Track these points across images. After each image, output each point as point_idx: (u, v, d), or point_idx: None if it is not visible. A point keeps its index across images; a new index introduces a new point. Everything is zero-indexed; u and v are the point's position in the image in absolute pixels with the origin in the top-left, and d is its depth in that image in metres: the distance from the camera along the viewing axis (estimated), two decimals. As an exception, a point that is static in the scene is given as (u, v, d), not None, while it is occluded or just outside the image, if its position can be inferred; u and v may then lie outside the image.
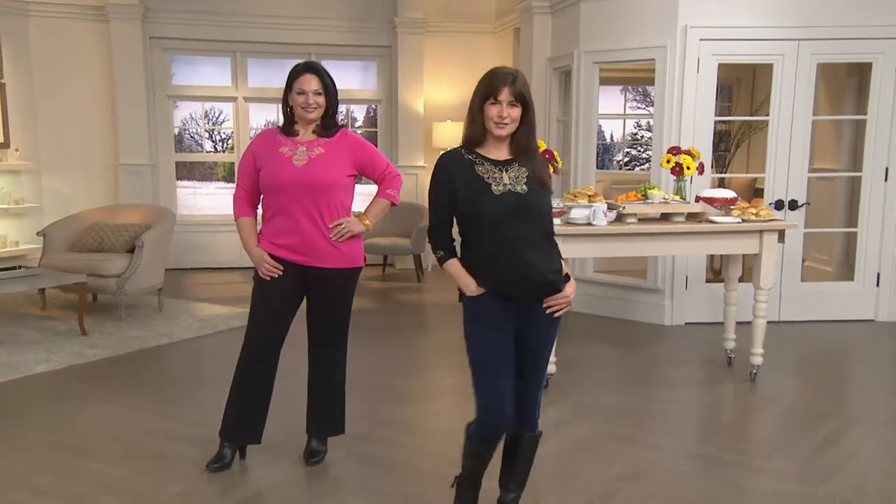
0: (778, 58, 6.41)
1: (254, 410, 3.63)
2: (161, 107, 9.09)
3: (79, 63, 8.78)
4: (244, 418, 3.63)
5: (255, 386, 3.60)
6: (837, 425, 4.29)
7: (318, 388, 3.73)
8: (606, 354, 5.70)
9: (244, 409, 3.62)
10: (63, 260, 6.57)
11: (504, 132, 2.77)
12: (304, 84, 3.46)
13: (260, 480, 3.56)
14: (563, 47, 7.24)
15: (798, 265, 6.71)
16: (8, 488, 3.44)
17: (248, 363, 3.59)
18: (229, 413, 3.64)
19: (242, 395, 3.60)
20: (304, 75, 3.48)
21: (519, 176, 2.81)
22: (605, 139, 12.57)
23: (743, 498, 3.43)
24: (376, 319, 6.91)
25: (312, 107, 3.47)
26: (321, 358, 3.71)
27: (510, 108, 2.73)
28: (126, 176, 8.79)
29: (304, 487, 3.50)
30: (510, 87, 2.72)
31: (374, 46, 9.30)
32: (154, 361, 5.47)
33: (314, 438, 3.76)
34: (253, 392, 3.61)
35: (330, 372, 3.72)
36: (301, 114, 3.48)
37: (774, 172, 6.53)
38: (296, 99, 3.47)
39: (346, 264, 3.58)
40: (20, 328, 6.16)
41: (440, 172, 2.84)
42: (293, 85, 3.48)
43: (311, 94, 3.46)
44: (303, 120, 3.50)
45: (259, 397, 3.63)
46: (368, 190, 3.78)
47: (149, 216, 6.97)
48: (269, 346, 3.59)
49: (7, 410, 4.49)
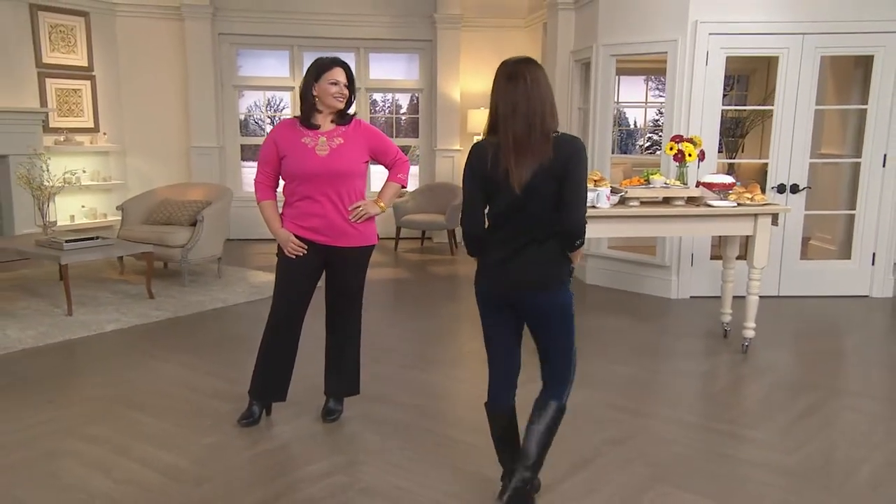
0: (783, 51, 6.10)
1: (278, 374, 3.63)
2: (228, 96, 9.13)
3: (158, 57, 8.87)
4: (270, 381, 3.63)
5: (279, 353, 3.59)
6: (819, 396, 4.10)
7: (335, 352, 3.70)
8: (614, 326, 5.55)
9: (269, 373, 3.61)
10: (137, 231, 6.67)
11: None
12: (337, 75, 3.39)
13: (283, 435, 3.55)
14: (584, 41, 7.02)
15: (798, 244, 6.44)
16: (64, 435, 3.50)
17: (273, 333, 3.57)
18: (257, 376, 3.64)
19: (268, 361, 3.60)
20: (336, 68, 3.40)
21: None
22: (629, 125, 12.20)
23: (716, 463, 3.28)
24: (412, 290, 6.87)
25: (341, 97, 3.40)
26: (337, 326, 3.67)
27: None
28: (197, 157, 8.89)
29: (319, 442, 3.48)
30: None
31: (416, 40, 9.17)
32: (209, 323, 5.52)
33: (331, 398, 3.75)
34: (277, 358, 3.60)
35: (345, 338, 3.68)
36: (332, 102, 3.39)
37: (778, 158, 6.25)
38: (328, 89, 3.37)
39: (363, 242, 3.55)
40: (99, 291, 6.29)
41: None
42: (323, 76, 3.38)
43: (343, 85, 3.39)
44: (328, 109, 3.43)
45: (283, 363, 3.62)
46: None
47: (210, 193, 7.02)
48: (292, 318, 3.56)
49: (76, 365, 4.59)
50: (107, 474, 3.11)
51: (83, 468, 3.17)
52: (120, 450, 3.35)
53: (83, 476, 3.10)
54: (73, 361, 4.64)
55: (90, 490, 2.98)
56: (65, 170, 6.88)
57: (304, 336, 3.66)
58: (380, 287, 6.87)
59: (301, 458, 3.33)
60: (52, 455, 3.29)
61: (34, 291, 6.23)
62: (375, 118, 10.56)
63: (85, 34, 8.43)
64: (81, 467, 3.18)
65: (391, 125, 10.28)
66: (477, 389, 4.10)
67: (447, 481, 3.09)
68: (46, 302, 5.87)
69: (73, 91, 8.43)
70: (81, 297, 5.97)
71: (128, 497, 2.92)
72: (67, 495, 2.94)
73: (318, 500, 2.93)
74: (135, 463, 3.22)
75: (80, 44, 8.41)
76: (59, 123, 8.27)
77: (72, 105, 8.43)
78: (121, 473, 3.12)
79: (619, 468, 3.23)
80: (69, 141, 8.28)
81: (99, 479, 3.07)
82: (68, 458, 3.25)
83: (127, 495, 2.94)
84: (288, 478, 3.11)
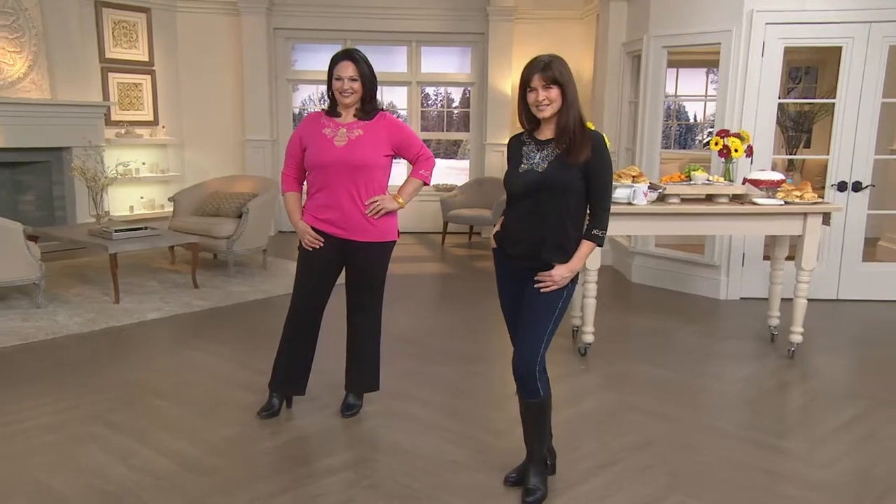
0: (847, 40, 5.79)
1: (297, 367, 3.64)
2: (282, 89, 9.28)
3: (215, 52, 9.08)
4: (289, 373, 3.65)
5: (298, 346, 3.60)
6: (864, 407, 3.87)
7: (355, 349, 3.69)
8: (657, 326, 5.39)
9: (289, 366, 3.63)
10: (186, 222, 6.84)
11: (546, 113, 2.69)
12: (340, 71, 3.37)
13: (301, 428, 3.57)
14: (635, 32, 6.84)
15: (860, 245, 6.11)
16: (89, 420, 3.60)
17: (292, 325, 3.58)
18: (277, 368, 3.66)
19: (287, 354, 3.62)
20: (342, 62, 3.38)
21: (548, 155, 2.72)
22: (689, 119, 11.83)
23: (740, 474, 3.13)
24: (453, 285, 6.84)
25: (348, 92, 3.37)
26: (357, 322, 3.65)
27: (545, 90, 2.66)
28: (251, 150, 9.06)
29: (335, 437, 3.48)
30: (541, 73, 2.66)
31: (469, 33, 9.11)
32: (248, 314, 5.61)
33: (351, 393, 3.74)
34: (296, 351, 3.61)
35: (365, 335, 3.66)
36: (338, 98, 3.39)
37: (839, 154, 5.94)
38: (334, 84, 3.38)
39: (381, 238, 3.50)
40: (147, 279, 6.48)
41: (507, 150, 2.93)
42: (333, 71, 3.39)
43: (347, 80, 3.36)
44: (341, 104, 3.42)
45: (302, 356, 3.63)
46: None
47: (258, 186, 7.14)
48: (311, 311, 3.56)
49: (114, 352, 4.72)
50: (123, 461, 3.18)
51: (103, 454, 3.25)
52: (140, 437, 3.42)
53: (102, 462, 3.18)
54: (111, 348, 4.78)
55: (105, 476, 3.05)
56: (117, 161, 7.09)
57: (327, 331, 3.67)
58: (423, 281, 6.86)
59: (314, 453, 3.33)
60: (76, 439, 3.39)
61: (88, 279, 6.46)
62: (427, 112, 10.55)
63: (146, 30, 8.69)
64: (101, 453, 3.26)
65: (442, 119, 10.25)
66: (502, 387, 4.06)
67: (459, 486, 3.04)
68: (97, 289, 6.08)
69: (134, 85, 8.71)
70: (130, 286, 6.16)
71: (139, 484, 2.98)
72: (83, 480, 3.01)
73: (322, 495, 2.93)
74: (151, 450, 3.28)
75: (142, 39, 8.68)
76: (121, 117, 8.55)
77: (132, 99, 8.71)
78: (137, 460, 3.19)
79: (636, 475, 3.12)
80: (130, 134, 8.56)
81: (115, 465, 3.15)
82: (91, 444, 3.35)
83: (138, 483, 3.00)
84: (297, 472, 3.12)
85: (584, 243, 2.76)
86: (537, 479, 2.90)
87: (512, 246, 2.82)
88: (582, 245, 2.75)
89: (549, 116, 2.69)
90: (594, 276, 4.48)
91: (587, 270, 4.46)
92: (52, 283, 6.15)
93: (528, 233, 2.75)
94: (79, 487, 2.96)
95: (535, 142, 2.78)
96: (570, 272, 2.72)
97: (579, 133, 2.68)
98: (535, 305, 2.77)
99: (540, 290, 2.73)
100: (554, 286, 2.71)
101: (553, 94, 2.66)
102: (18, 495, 2.89)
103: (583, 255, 2.75)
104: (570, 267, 2.72)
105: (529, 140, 2.80)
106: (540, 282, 2.73)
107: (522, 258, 2.79)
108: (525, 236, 2.76)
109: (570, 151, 2.67)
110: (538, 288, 2.73)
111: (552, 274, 2.70)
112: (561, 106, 2.67)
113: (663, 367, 4.50)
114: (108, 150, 8.10)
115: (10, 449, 3.29)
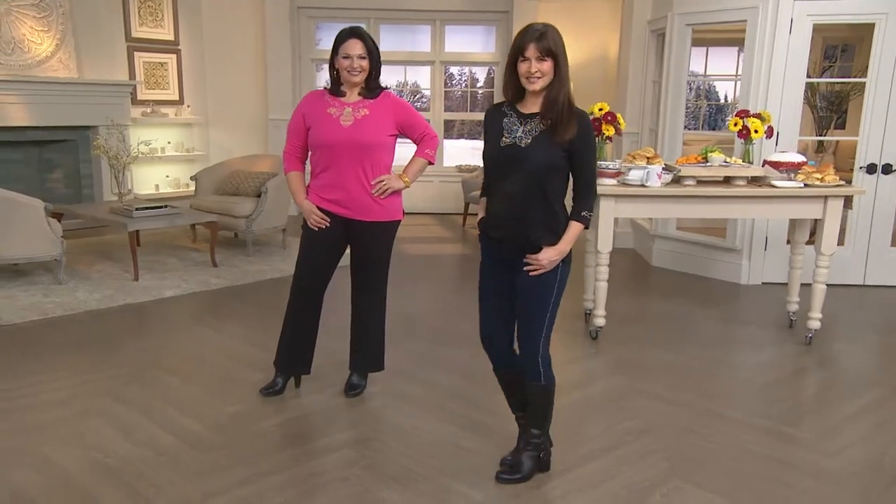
0: (881, 17, 5.60)
1: (301, 345, 3.66)
2: (306, 69, 9.28)
3: (239, 31, 9.10)
4: (293, 352, 3.67)
5: (302, 324, 3.62)
6: (879, 395, 3.78)
7: (359, 329, 3.70)
8: (674, 311, 5.31)
9: (292, 345, 3.65)
10: (207, 201, 6.90)
11: (536, 86, 2.58)
12: (349, 49, 3.34)
13: (303, 407, 3.60)
14: (660, 10, 6.69)
15: (889, 230, 5.94)
16: (99, 395, 3.67)
17: (295, 304, 3.59)
18: (281, 347, 3.68)
19: (291, 332, 3.63)
20: (350, 40, 3.35)
21: (532, 129, 2.63)
22: (719, 99, 11.58)
23: (743, 461, 3.07)
24: (471, 266, 6.79)
25: (357, 70, 3.35)
26: (362, 302, 3.66)
27: (539, 62, 2.54)
28: (274, 130, 9.08)
29: (339, 416, 3.49)
30: (536, 43, 2.54)
31: (493, 12, 8.99)
32: (264, 293, 5.65)
33: (355, 373, 3.76)
34: (300, 329, 3.63)
35: (370, 315, 3.67)
36: (346, 77, 3.37)
37: (869, 135, 5.77)
38: (341, 62, 3.35)
39: (386, 218, 3.50)
40: (168, 257, 6.56)
41: (484, 121, 2.84)
42: (339, 49, 3.36)
43: (356, 57, 3.33)
44: (348, 83, 3.40)
45: (305, 334, 3.64)
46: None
47: (277, 165, 7.16)
48: (314, 290, 3.57)
49: (129, 328, 4.79)
50: (128, 436, 3.23)
51: (109, 429, 3.31)
52: (146, 412, 3.48)
53: (107, 436, 3.23)
54: (127, 324, 4.86)
55: (109, 450, 3.10)
56: (139, 140, 7.16)
57: (334, 310, 3.67)
58: (441, 262, 6.85)
59: (315, 432, 3.35)
60: (84, 414, 3.45)
61: (110, 256, 6.57)
62: (451, 92, 10.48)
63: (171, 9, 8.74)
64: (108, 428, 3.32)
65: (466, 99, 10.18)
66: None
67: (459, 469, 3.04)
68: (119, 267, 6.17)
69: (160, 64, 8.78)
70: (151, 264, 6.25)
71: (141, 460, 3.03)
72: (87, 454, 3.07)
73: (319, 473, 2.95)
74: (156, 426, 3.33)
75: (167, 19, 8.74)
76: (146, 96, 8.64)
77: (158, 78, 8.78)
78: (141, 435, 3.24)
79: (637, 459, 3.09)
80: (155, 113, 8.65)
81: (119, 440, 3.20)
82: (98, 419, 3.41)
83: (141, 458, 3.05)
84: (296, 450, 3.15)
85: (573, 225, 2.68)
86: (520, 458, 2.91)
87: (497, 229, 2.74)
88: (570, 227, 2.68)
89: (540, 90, 2.60)
90: (606, 259, 4.42)
91: (599, 253, 4.40)
92: (75, 260, 6.26)
93: (514, 213, 2.67)
94: (82, 461, 3.01)
95: (518, 115, 2.67)
96: (558, 255, 2.66)
97: (566, 110, 2.59)
98: (529, 299, 2.72)
99: (529, 273, 2.68)
100: (541, 270, 2.67)
101: (546, 67, 2.55)
102: (23, 468, 2.95)
103: (571, 237, 2.68)
104: (558, 249, 2.66)
105: (511, 112, 2.68)
106: (528, 264, 2.69)
107: (510, 240, 2.71)
108: (511, 218, 2.68)
109: (555, 128, 2.58)
110: (527, 271, 2.69)
111: (539, 257, 2.65)
112: (552, 79, 2.57)
113: (677, 352, 4.44)
114: (134, 128, 8.21)
115: (22, 422, 3.36)
